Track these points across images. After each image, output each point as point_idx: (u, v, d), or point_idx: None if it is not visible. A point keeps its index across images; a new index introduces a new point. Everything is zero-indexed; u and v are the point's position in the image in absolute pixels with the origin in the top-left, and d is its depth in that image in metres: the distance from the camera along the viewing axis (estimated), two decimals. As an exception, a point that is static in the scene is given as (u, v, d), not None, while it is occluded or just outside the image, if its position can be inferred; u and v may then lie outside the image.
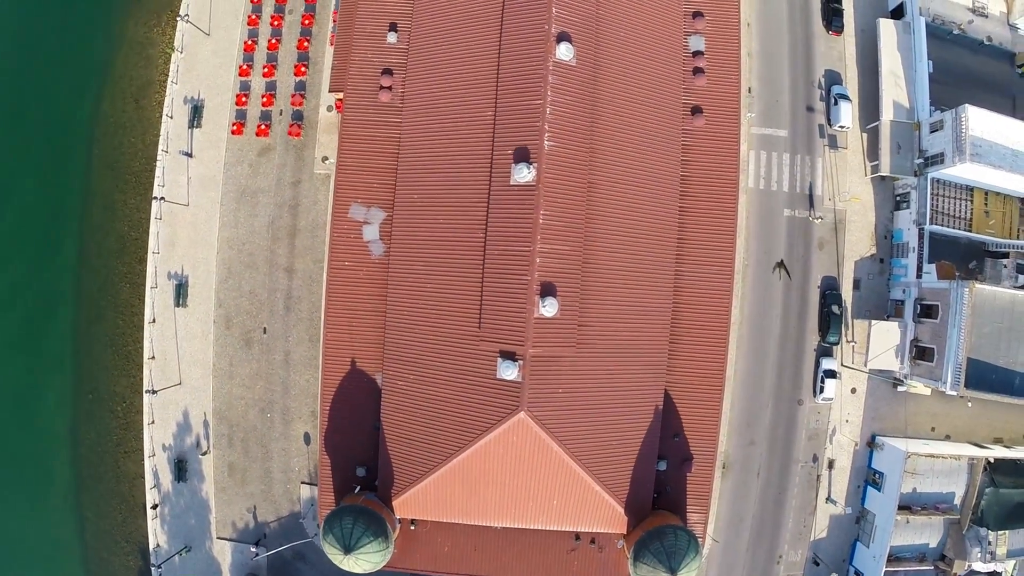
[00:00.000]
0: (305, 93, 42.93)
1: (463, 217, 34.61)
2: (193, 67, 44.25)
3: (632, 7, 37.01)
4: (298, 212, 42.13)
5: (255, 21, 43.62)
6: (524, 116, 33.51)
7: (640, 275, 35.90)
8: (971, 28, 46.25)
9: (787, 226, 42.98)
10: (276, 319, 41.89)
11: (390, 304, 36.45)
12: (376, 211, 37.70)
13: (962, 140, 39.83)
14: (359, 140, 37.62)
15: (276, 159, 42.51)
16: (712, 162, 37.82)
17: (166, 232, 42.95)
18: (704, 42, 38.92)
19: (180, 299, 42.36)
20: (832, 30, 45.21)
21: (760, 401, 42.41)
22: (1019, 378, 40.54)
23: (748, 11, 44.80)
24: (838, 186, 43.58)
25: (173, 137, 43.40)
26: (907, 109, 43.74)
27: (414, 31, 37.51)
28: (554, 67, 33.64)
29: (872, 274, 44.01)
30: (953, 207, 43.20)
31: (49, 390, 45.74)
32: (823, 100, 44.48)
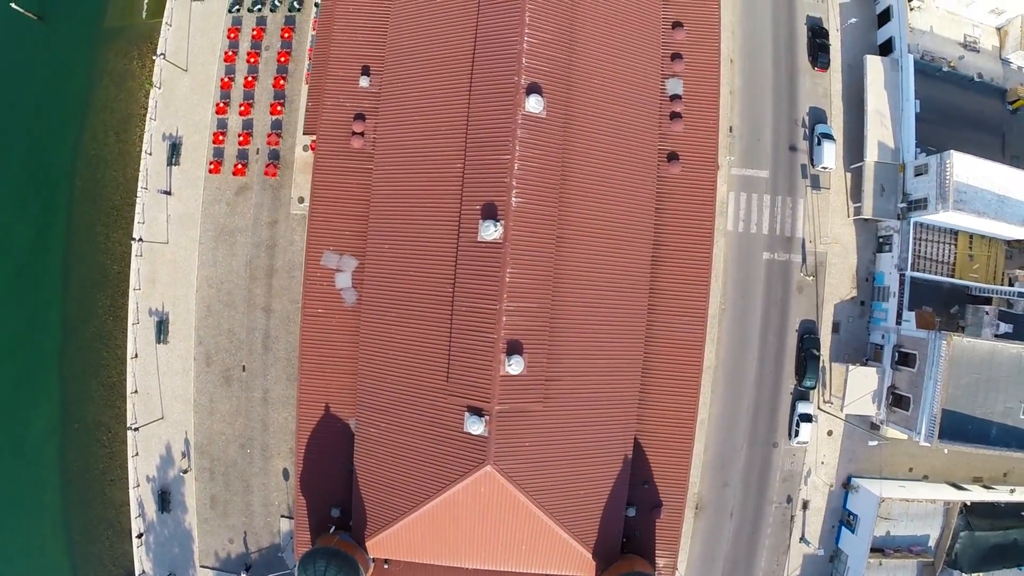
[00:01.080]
0: (281, 132, 42.64)
1: (432, 271, 34.45)
2: (171, 103, 44.07)
3: (607, 53, 36.19)
4: (275, 252, 42.18)
5: (231, 58, 43.25)
6: (492, 171, 33.12)
7: (611, 327, 35.69)
8: (961, 64, 44.97)
9: (766, 269, 42.43)
10: (255, 357, 42.25)
11: (362, 353, 36.58)
12: (348, 259, 37.67)
13: (946, 187, 38.99)
14: (331, 187, 37.44)
15: (253, 198, 42.50)
16: (687, 210, 37.23)
17: (147, 269, 43.25)
18: (682, 86, 38.17)
19: (161, 336, 42.82)
20: (818, 66, 44.03)
21: (734, 444, 42.39)
22: (996, 428, 40.20)
23: (731, 47, 43.79)
24: (819, 228, 42.95)
25: (152, 174, 43.47)
26: (892, 150, 42.78)
27: (385, 77, 36.96)
28: (523, 120, 33.08)
29: (852, 317, 43.53)
30: (936, 251, 42.47)
31: (37, 418, 46.64)
32: (806, 139, 43.52)
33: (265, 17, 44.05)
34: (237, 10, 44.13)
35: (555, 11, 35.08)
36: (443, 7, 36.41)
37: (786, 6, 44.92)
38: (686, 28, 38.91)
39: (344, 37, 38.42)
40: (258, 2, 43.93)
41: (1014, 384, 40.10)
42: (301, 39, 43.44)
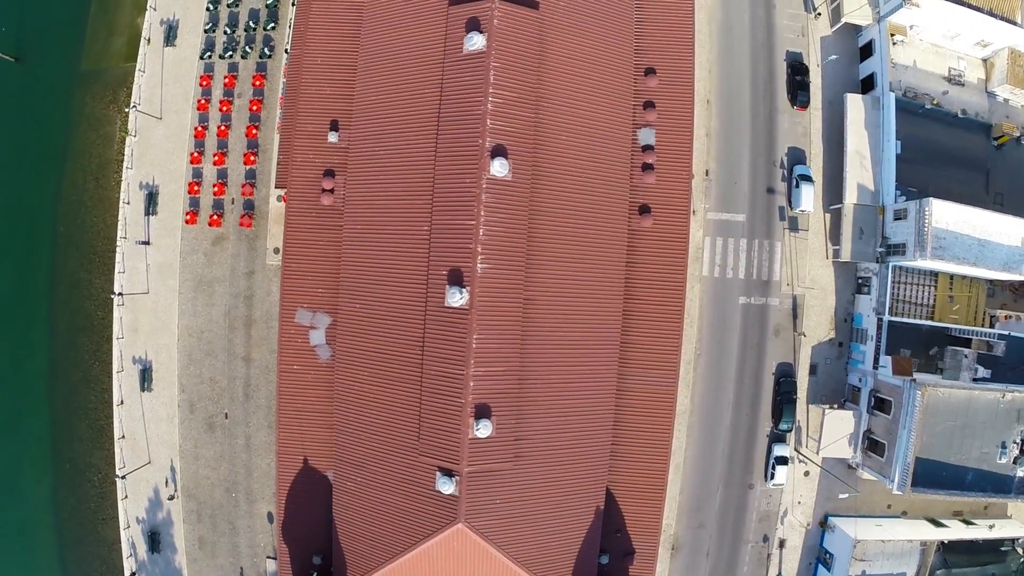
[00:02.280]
0: (255, 182, 42.49)
1: (402, 333, 34.53)
2: (147, 152, 43.90)
3: (576, 108, 35.61)
4: (252, 303, 42.40)
5: (204, 106, 42.91)
6: (457, 236, 32.95)
7: (582, 383, 35.69)
8: (945, 100, 43.83)
9: (742, 313, 42.19)
10: (236, 405, 42.78)
11: (337, 410, 36.85)
12: (322, 316, 37.81)
13: (924, 235, 38.35)
14: (303, 245, 37.41)
15: (230, 249, 42.55)
16: (659, 264, 36.93)
17: (129, 318, 43.60)
18: (654, 135, 37.64)
19: (145, 384, 43.31)
20: (797, 105, 43.05)
21: (710, 486, 42.63)
22: (972, 473, 40.13)
23: (708, 87, 42.91)
24: (797, 271, 42.55)
25: (131, 223, 43.50)
26: (872, 192, 42.06)
27: (353, 134, 36.63)
28: (488, 184, 32.79)
29: (830, 359, 43.29)
30: (915, 294, 42.03)
31: (28, 459, 47.55)
32: (785, 181, 42.90)
33: (237, 64, 43.63)
34: (209, 56, 43.75)
35: (522, 68, 34.50)
36: (409, 63, 35.90)
37: (765, 43, 43.95)
38: (659, 75, 38.23)
39: (311, 90, 38.05)
40: (229, 48, 43.54)
41: (990, 429, 40.00)
42: (273, 86, 43.03)
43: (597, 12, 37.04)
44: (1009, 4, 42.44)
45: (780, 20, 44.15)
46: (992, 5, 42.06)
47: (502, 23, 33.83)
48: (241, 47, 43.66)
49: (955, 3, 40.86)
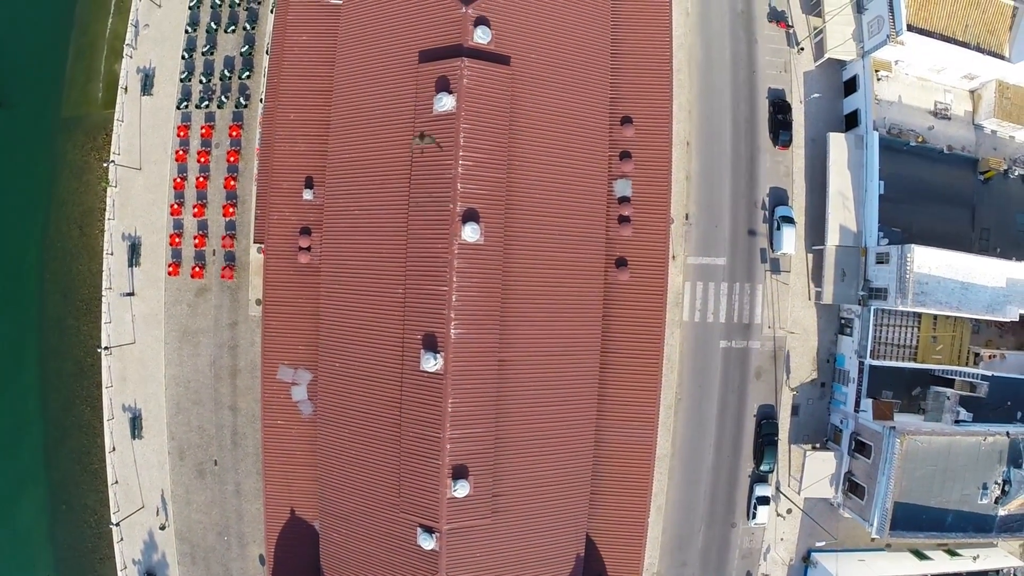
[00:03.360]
0: (235, 234, 42.58)
1: (380, 394, 34.77)
2: (128, 202, 44.00)
3: (549, 164, 35.28)
4: (237, 353, 42.77)
5: (183, 157, 42.80)
6: (430, 302, 33.02)
7: (559, 438, 35.87)
8: (931, 135, 43.02)
9: (723, 357, 42.13)
10: (225, 452, 43.47)
11: (320, 465, 37.40)
12: (303, 372, 38.12)
13: (906, 282, 37.94)
14: (282, 303, 37.61)
15: (213, 300, 42.83)
16: (637, 317, 36.83)
17: (117, 367, 44.13)
18: (631, 187, 37.25)
19: (136, 431, 43.99)
20: (779, 144, 42.44)
21: (692, 525, 43.03)
22: (952, 515, 40.25)
23: (687, 129, 42.27)
24: (779, 313, 42.33)
25: (115, 274, 43.76)
26: (854, 233, 41.52)
27: (327, 194, 36.57)
28: (459, 250, 32.79)
29: (812, 399, 43.24)
30: (898, 336, 41.71)
31: (25, 500, 48.55)
32: (766, 222, 42.49)
33: (214, 113, 43.42)
34: (185, 106, 43.53)
35: (493, 127, 34.12)
36: (381, 121, 35.59)
37: (747, 80, 43.16)
38: (636, 123, 37.74)
39: (285, 147, 37.89)
40: (205, 98, 43.28)
41: (971, 471, 39.99)
42: (249, 136, 42.80)
43: (571, 63, 36.53)
44: (996, 39, 41.41)
45: (762, 56, 43.34)
46: (979, 40, 41.06)
47: (472, 82, 33.44)
48: (217, 96, 43.44)
49: (941, 40, 40.07)
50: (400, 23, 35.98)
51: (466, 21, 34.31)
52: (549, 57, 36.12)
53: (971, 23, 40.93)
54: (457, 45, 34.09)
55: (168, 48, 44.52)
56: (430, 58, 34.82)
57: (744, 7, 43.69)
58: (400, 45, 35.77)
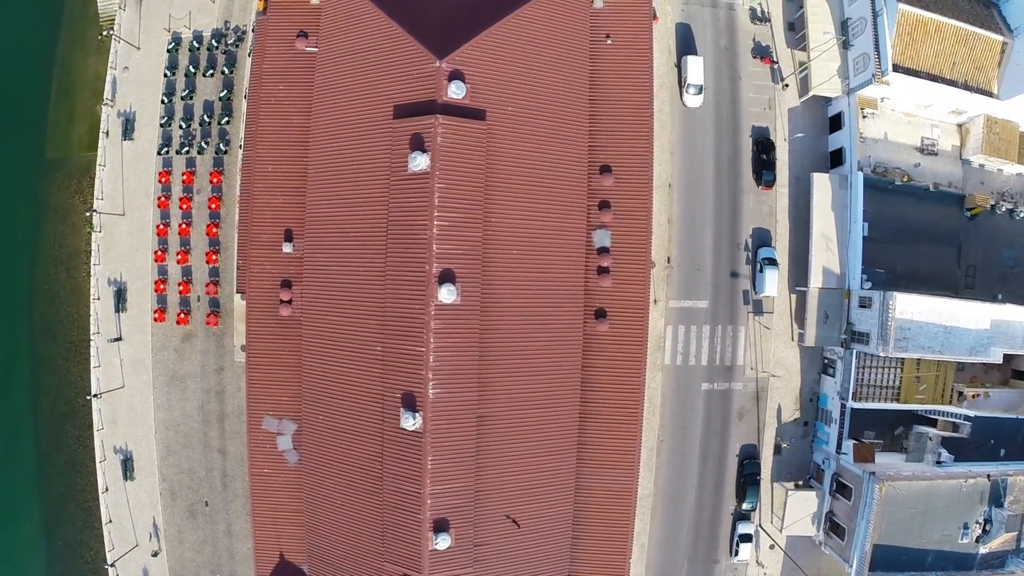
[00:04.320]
0: (219, 280, 42.87)
1: (362, 448, 35.34)
2: (112, 248, 44.29)
3: (527, 219, 35.31)
4: (224, 398, 43.33)
5: (165, 203, 42.94)
6: (408, 361, 33.37)
7: (539, 490, 36.37)
8: (917, 172, 42.61)
9: (705, 399, 42.41)
10: (215, 494, 44.18)
11: (307, 513, 37.99)
12: (288, 423, 38.63)
13: (887, 329, 37.89)
14: (265, 355, 38.03)
15: (199, 346, 43.27)
16: (616, 368, 37.06)
17: (108, 411, 44.74)
18: (610, 237, 37.14)
19: (127, 473, 44.76)
20: (763, 185, 42.17)
21: (675, 562, 43.61)
22: (932, 555, 40.68)
23: (669, 171, 42.02)
24: (761, 354, 42.37)
25: (102, 318, 44.21)
26: (838, 275, 41.45)
27: (306, 250, 36.75)
28: (436, 311, 33.04)
29: (795, 438, 43.50)
30: (881, 377, 41.69)
31: (20, 536, 49.63)
32: (749, 264, 42.40)
33: (194, 159, 43.46)
34: (166, 151, 43.56)
35: (469, 185, 34.11)
36: (358, 177, 35.65)
37: (730, 118, 42.71)
38: (615, 172, 37.59)
39: (264, 199, 38.02)
40: (186, 144, 43.25)
41: (952, 512, 40.35)
42: (230, 183, 42.88)
43: (548, 114, 36.34)
44: (985, 75, 40.74)
45: (746, 93, 42.86)
46: (967, 77, 40.44)
47: (446, 140, 33.35)
48: (197, 142, 43.44)
49: (928, 79, 39.40)
50: (374, 76, 35.84)
51: (440, 76, 34.12)
52: (526, 108, 35.94)
53: (959, 60, 40.27)
54: (431, 101, 33.94)
55: (148, 92, 44.46)
56: (405, 113, 34.72)
57: (728, 43, 43.12)
58: (375, 99, 35.67)
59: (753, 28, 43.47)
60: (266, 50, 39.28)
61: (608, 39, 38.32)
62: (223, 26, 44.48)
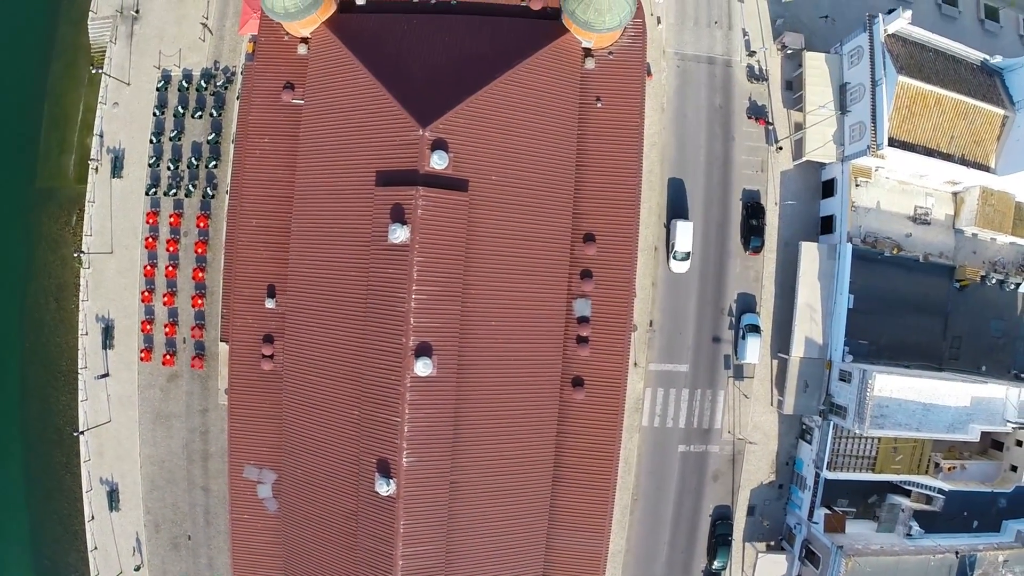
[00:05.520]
0: (204, 324, 43.86)
1: (339, 507, 36.43)
2: (101, 284, 45.17)
3: (507, 289, 35.77)
4: (208, 438, 44.52)
5: (152, 244, 43.72)
6: (383, 430, 34.24)
7: (510, 552, 37.42)
8: (908, 242, 42.52)
9: (681, 461, 43.12)
10: (198, 529, 45.68)
11: (285, 563, 39.15)
12: (268, 472, 39.63)
13: (864, 406, 38.28)
14: (247, 406, 38.86)
15: (184, 386, 44.33)
16: (590, 435, 37.70)
17: (95, 443, 46.12)
18: (590, 307, 37.35)
19: (113, 504, 46.30)
20: (750, 250, 42.27)
21: (647, 615, 45.01)
22: (898, 619, 41.71)
23: (657, 234, 42.04)
24: (740, 418, 42.82)
25: (90, 353, 45.32)
26: (820, 346, 41.68)
27: (287, 309, 37.40)
28: (412, 383, 33.63)
29: (769, 500, 44.28)
30: (857, 448, 42.15)
31: (11, 555, 51.49)
32: (732, 329, 42.65)
33: (182, 201, 44.11)
34: (154, 192, 44.18)
35: (449, 257, 34.48)
36: (339, 241, 36.09)
37: (721, 181, 42.61)
38: (599, 241, 37.67)
39: (248, 254, 38.54)
40: (173, 185, 43.78)
41: (919, 583, 41.22)
42: (217, 227, 43.49)
43: (533, 183, 36.54)
44: (983, 149, 40.33)
45: (738, 155, 42.71)
46: (965, 151, 40.09)
47: (426, 213, 33.62)
48: (185, 184, 44.05)
49: (924, 153, 38.95)
50: (358, 138, 36.06)
51: (423, 144, 34.23)
52: (510, 177, 36.15)
53: (957, 134, 39.84)
54: (413, 170, 34.08)
55: (137, 130, 44.89)
56: (387, 180, 34.96)
57: (723, 102, 42.77)
58: (358, 161, 35.93)
59: (750, 87, 43.10)
60: (252, 101, 39.38)
61: (598, 102, 38.27)
62: (212, 66, 44.75)
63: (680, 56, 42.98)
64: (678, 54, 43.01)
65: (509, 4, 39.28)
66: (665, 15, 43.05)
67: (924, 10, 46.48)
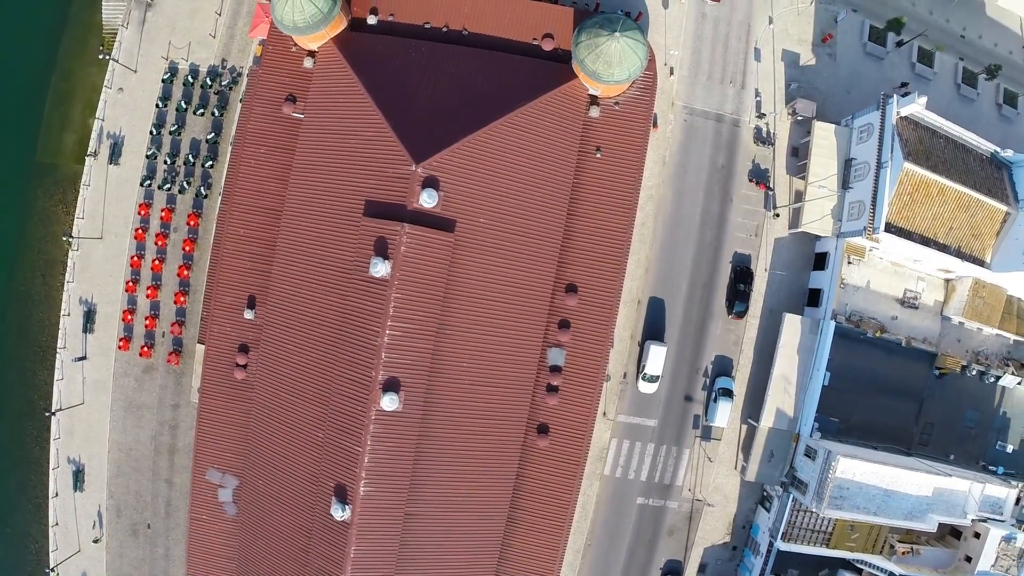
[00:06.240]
0: (184, 321, 44.46)
1: (294, 523, 37.30)
2: (87, 268, 45.72)
3: (482, 332, 36.27)
4: (177, 433, 45.24)
5: (141, 236, 44.19)
6: (344, 457, 34.97)
7: (458, 586, 38.31)
8: (894, 324, 42.55)
9: (638, 513, 43.64)
10: (158, 519, 46.61)
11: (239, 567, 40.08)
12: (230, 478, 40.42)
13: (824, 487, 38.66)
14: (216, 412, 39.78)
15: (158, 380, 45.01)
16: (548, 483, 38.36)
17: (66, 422, 47.00)
18: (564, 357, 37.54)
19: (78, 484, 47.28)
20: (733, 314, 42.40)
21: (589, 659, 45.68)
22: None
23: (641, 288, 42.26)
24: (702, 478, 43.16)
25: (70, 335, 46.06)
26: (790, 418, 41.91)
27: (265, 323, 37.99)
28: (377, 416, 34.10)
29: (722, 560, 44.84)
30: (814, 521, 42.57)
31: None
32: (705, 390, 42.84)
33: (175, 196, 44.55)
34: (149, 184, 44.57)
35: (426, 296, 34.94)
36: (322, 267, 36.60)
37: (713, 241, 42.62)
38: (581, 293, 37.85)
39: (232, 262, 39.10)
40: (168, 180, 44.13)
41: (858, 663, 41.77)
42: (207, 227, 43.86)
43: (521, 230, 36.89)
44: (980, 243, 40.21)
45: (735, 217, 42.67)
46: (961, 243, 40.00)
47: (409, 251, 33.93)
48: (180, 180, 44.42)
49: (920, 243, 38.76)
50: (352, 162, 36.40)
51: (414, 181, 34.43)
52: (499, 220, 36.51)
53: (956, 225, 39.72)
54: (401, 205, 34.22)
55: (138, 118, 45.16)
56: (375, 211, 35.28)
57: (726, 162, 42.64)
58: (350, 187, 36.31)
59: (755, 149, 42.95)
60: (253, 109, 39.50)
61: (598, 152, 38.23)
62: (220, 64, 44.83)
63: (689, 110, 42.84)
64: (687, 108, 42.91)
65: (520, 41, 39.37)
66: (679, 67, 42.89)
67: (942, 88, 46.13)
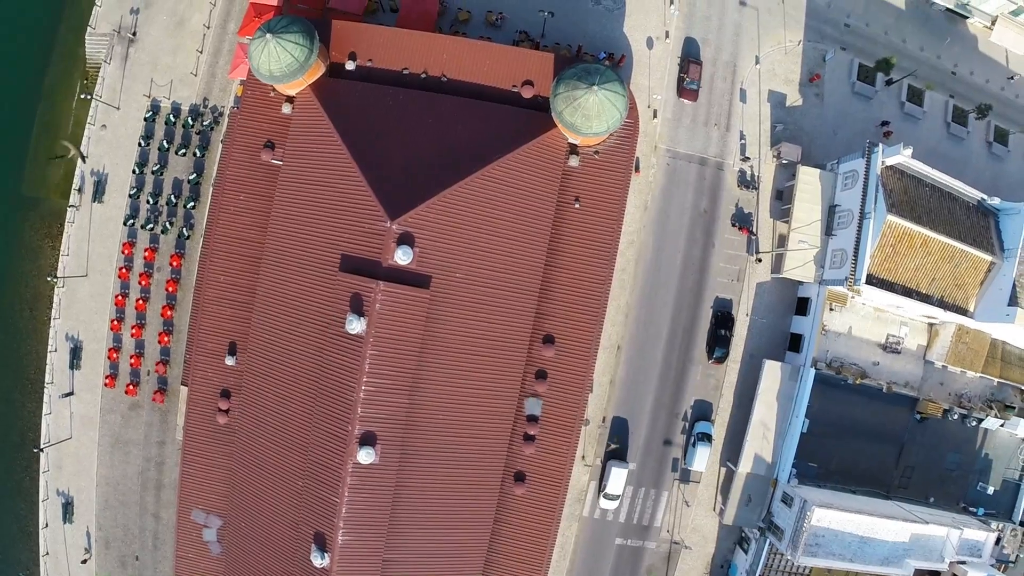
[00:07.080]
0: (168, 361, 45.35)
1: (276, 567, 38.24)
2: (73, 304, 46.62)
3: (458, 385, 36.95)
4: (163, 469, 46.31)
5: (125, 275, 45.06)
6: (322, 507, 35.98)
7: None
8: (875, 370, 42.81)
9: (616, 554, 44.47)
10: (146, 553, 47.92)
11: (219, 604, 41.30)
12: (214, 518, 41.47)
13: (799, 535, 39.36)
14: (199, 454, 40.90)
15: (144, 417, 46.01)
16: (527, 529, 39.24)
17: (54, 456, 48.26)
18: (541, 407, 37.93)
19: (67, 516, 48.56)
20: (714, 359, 42.69)
21: None
22: None
23: (621, 332, 42.70)
24: (680, 519, 43.76)
25: (57, 370, 47.06)
26: (768, 464, 42.29)
27: (245, 371, 38.75)
28: (353, 468, 34.85)
29: (700, 599, 45.58)
30: (791, 566, 43.11)
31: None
32: (684, 434, 43.27)
33: (158, 236, 45.18)
34: (132, 223, 45.33)
35: (402, 352, 35.54)
36: (299, 314, 37.24)
37: (694, 287, 42.80)
38: (558, 345, 38.21)
39: (212, 309, 39.86)
40: (151, 220, 44.66)
41: None
42: (189, 267, 44.56)
43: (498, 283, 37.43)
44: (964, 293, 40.24)
45: (717, 262, 42.89)
46: (944, 293, 40.03)
47: (384, 308, 34.45)
48: (163, 220, 45.14)
49: (902, 294, 38.71)
50: (329, 215, 36.98)
51: (389, 238, 34.84)
52: (475, 275, 37.09)
53: (939, 276, 39.77)
54: (376, 262, 34.53)
55: (121, 156, 45.76)
56: (350, 266, 35.83)
57: (708, 206, 42.69)
58: (326, 239, 36.94)
59: (738, 193, 42.94)
60: (232, 155, 39.82)
61: (577, 203, 38.29)
62: (202, 103, 45.16)
63: (672, 153, 42.84)
64: (670, 151, 42.92)
65: (500, 88, 39.32)
66: (663, 109, 42.82)
67: (932, 127, 45.86)
